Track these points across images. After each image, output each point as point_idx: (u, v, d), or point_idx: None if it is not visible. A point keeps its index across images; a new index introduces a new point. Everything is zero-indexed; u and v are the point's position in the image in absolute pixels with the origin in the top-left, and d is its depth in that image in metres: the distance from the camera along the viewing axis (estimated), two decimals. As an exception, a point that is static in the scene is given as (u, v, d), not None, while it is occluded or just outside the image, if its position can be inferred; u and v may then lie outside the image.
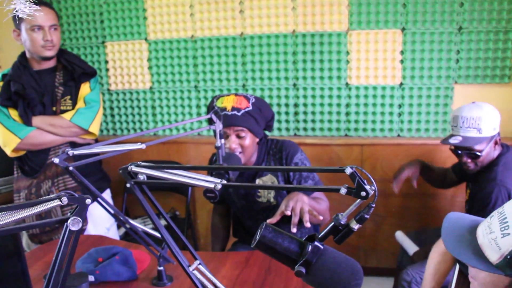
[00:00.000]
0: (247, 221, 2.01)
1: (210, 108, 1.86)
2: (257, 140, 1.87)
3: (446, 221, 1.12)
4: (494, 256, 0.95)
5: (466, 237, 1.05)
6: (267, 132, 2.00)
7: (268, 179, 1.88)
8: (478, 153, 1.90)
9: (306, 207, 1.56)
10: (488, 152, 1.92)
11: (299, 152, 1.90)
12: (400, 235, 2.30)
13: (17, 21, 2.09)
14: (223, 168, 0.96)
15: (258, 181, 1.90)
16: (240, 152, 1.79)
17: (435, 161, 2.58)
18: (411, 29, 2.47)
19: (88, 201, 0.72)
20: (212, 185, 0.82)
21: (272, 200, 1.90)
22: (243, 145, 1.78)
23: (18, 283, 0.99)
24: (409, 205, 2.68)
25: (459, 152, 1.95)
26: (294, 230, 1.48)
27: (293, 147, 1.90)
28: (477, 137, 1.88)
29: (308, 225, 1.50)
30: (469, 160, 1.95)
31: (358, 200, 0.75)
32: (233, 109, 1.76)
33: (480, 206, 1.82)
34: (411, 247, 2.18)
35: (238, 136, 1.77)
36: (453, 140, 1.94)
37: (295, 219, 1.51)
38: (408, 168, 2.27)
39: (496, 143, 1.93)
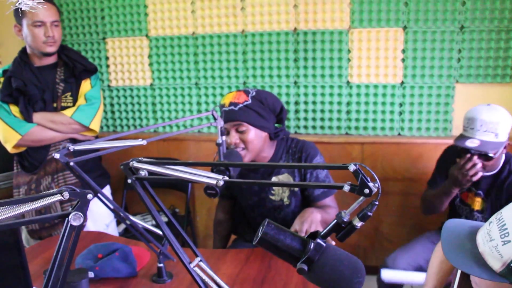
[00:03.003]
0: (257, 218, 1.98)
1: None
2: (265, 134, 1.82)
3: (445, 231, 1.10)
4: (496, 265, 0.93)
5: (466, 245, 1.03)
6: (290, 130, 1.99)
7: (284, 178, 1.86)
8: (492, 155, 1.84)
9: (320, 229, 1.55)
10: (499, 157, 1.89)
11: (319, 155, 1.89)
12: (388, 274, 1.97)
13: (19, 16, 2.08)
14: (223, 163, 0.96)
15: (274, 179, 1.87)
16: (243, 148, 1.78)
17: (435, 160, 2.58)
18: (413, 28, 2.47)
19: (89, 196, 0.71)
20: (214, 182, 0.81)
21: (285, 199, 1.88)
22: (245, 140, 1.76)
23: (18, 279, 0.98)
24: (409, 204, 2.68)
25: (471, 152, 1.88)
26: None
27: (314, 150, 1.89)
28: (493, 141, 1.84)
29: None
30: (480, 164, 1.86)
31: (361, 198, 0.74)
32: (230, 104, 1.75)
33: None
34: (415, 277, 1.93)
35: (238, 131, 1.76)
36: (470, 143, 1.85)
37: None
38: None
39: (505, 148, 1.90)
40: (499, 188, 1.95)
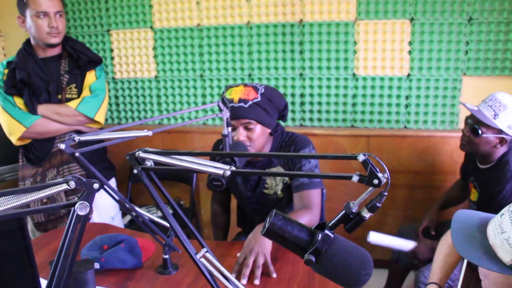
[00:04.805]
0: (252, 214, 1.99)
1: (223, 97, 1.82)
2: (269, 131, 1.80)
3: (455, 221, 1.09)
4: (507, 257, 0.92)
5: (476, 237, 1.02)
6: (282, 123, 1.95)
7: (276, 171, 1.85)
8: (479, 131, 1.83)
9: (261, 259, 1.44)
10: (488, 142, 1.85)
11: (308, 148, 1.83)
12: (376, 237, 1.92)
13: (22, 7, 2.07)
14: (230, 154, 0.95)
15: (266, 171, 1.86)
16: (248, 146, 1.75)
17: (442, 154, 2.56)
18: (420, 20, 2.44)
19: (96, 185, 0.70)
20: (221, 172, 0.80)
21: (279, 192, 1.87)
22: (252, 137, 1.73)
23: (24, 268, 0.98)
24: (415, 196, 2.67)
25: (467, 121, 1.93)
26: (244, 281, 1.39)
27: (303, 142, 1.84)
28: (488, 118, 1.81)
29: (256, 282, 1.39)
30: (467, 134, 1.91)
31: (370, 188, 0.73)
32: (240, 100, 1.70)
33: (500, 208, 1.77)
34: (403, 243, 2.01)
35: (246, 128, 1.74)
36: (470, 105, 1.89)
37: (246, 271, 1.41)
38: (426, 219, 2.17)
39: (502, 142, 1.86)
40: (488, 182, 1.93)
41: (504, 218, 0.95)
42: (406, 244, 2.00)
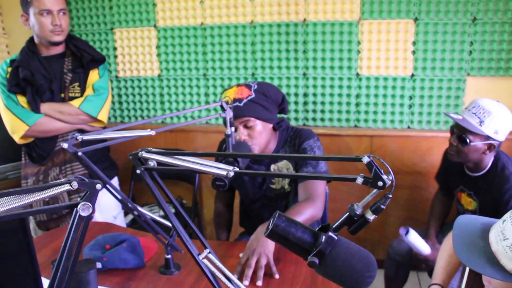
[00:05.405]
0: (259, 210, 1.98)
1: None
2: (270, 126, 1.80)
3: (456, 227, 1.07)
4: (510, 264, 0.91)
5: (478, 244, 1.00)
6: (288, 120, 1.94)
7: (283, 165, 1.84)
8: (467, 140, 1.83)
9: (264, 260, 1.43)
10: (477, 150, 1.85)
11: (312, 139, 1.83)
12: (414, 237, 1.96)
13: (26, 5, 2.07)
14: (233, 154, 0.94)
15: (273, 167, 1.86)
16: (251, 144, 1.75)
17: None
18: (424, 20, 2.43)
19: (98, 186, 0.70)
20: (224, 172, 0.80)
21: (286, 186, 1.86)
22: (253, 135, 1.73)
23: (26, 268, 0.98)
24: (417, 197, 2.66)
25: (453, 131, 1.91)
26: (246, 282, 1.38)
27: (308, 134, 1.85)
28: (474, 126, 1.81)
29: (259, 283, 1.39)
30: (455, 144, 1.89)
31: (375, 190, 0.72)
32: (234, 100, 1.71)
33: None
34: (424, 247, 1.99)
35: (246, 126, 1.74)
36: (454, 115, 1.89)
37: (248, 272, 1.40)
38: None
39: (490, 148, 1.85)
40: (487, 189, 1.92)
41: (507, 225, 0.94)
42: (425, 249, 2.00)
